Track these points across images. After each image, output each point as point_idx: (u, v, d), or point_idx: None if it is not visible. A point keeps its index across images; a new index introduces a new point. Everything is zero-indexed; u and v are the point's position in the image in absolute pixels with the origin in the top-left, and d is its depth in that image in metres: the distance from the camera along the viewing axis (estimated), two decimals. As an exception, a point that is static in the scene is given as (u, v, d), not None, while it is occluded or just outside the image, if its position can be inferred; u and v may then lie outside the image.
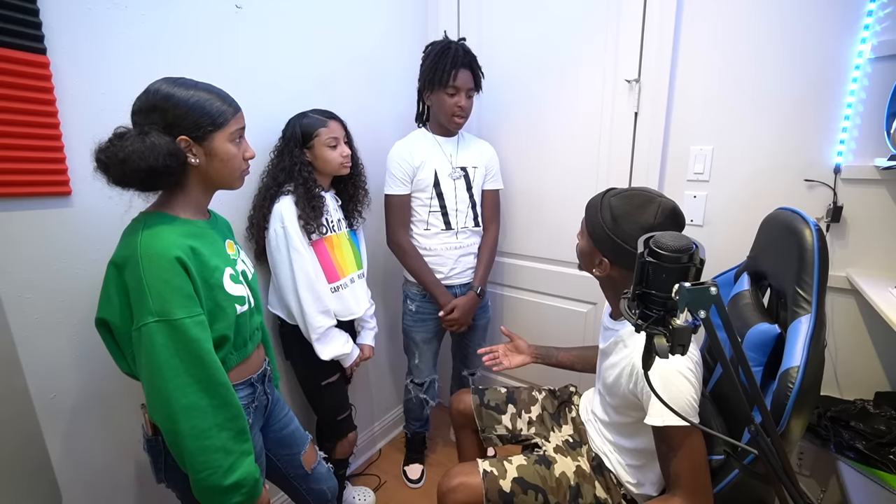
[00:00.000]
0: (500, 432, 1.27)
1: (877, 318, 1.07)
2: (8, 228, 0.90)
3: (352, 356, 1.39)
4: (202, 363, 0.78)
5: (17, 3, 0.85)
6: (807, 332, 0.78)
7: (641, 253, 0.56)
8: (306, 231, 1.25)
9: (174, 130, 0.80)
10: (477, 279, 1.62)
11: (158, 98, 0.79)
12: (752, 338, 0.89)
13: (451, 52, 1.44)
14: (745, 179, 1.36)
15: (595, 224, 0.94)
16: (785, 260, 0.90)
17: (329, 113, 1.31)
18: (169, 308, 0.75)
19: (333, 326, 1.32)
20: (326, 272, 1.32)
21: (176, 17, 1.11)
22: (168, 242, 0.78)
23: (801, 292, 0.83)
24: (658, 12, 1.38)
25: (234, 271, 0.91)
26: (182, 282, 0.77)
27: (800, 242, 0.85)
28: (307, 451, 1.17)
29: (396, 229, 1.56)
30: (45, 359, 0.98)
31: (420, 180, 1.52)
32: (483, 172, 1.61)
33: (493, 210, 1.66)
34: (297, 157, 1.26)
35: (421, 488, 1.78)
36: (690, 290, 0.49)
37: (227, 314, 0.86)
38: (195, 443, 0.78)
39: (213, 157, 0.85)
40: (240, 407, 0.84)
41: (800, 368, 0.74)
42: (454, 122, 1.51)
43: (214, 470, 0.79)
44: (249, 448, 0.85)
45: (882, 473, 1.06)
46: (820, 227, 0.85)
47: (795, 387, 0.73)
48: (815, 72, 1.21)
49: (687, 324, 0.49)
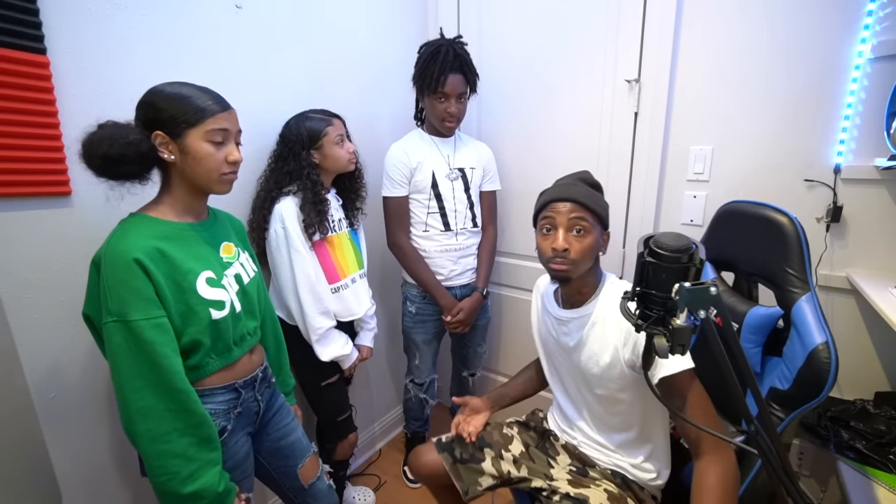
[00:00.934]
0: (487, 484, 1.09)
1: (877, 318, 1.07)
2: (8, 228, 0.90)
3: (351, 357, 1.39)
4: (157, 367, 0.77)
5: (17, 3, 0.85)
6: (815, 310, 0.85)
7: (641, 253, 0.57)
8: (308, 232, 1.24)
9: (153, 126, 0.81)
10: (480, 280, 1.62)
11: (148, 95, 0.83)
12: (752, 321, 0.94)
13: (440, 57, 1.40)
14: (745, 179, 1.35)
15: (598, 202, 0.96)
16: (765, 247, 0.98)
17: (330, 112, 1.32)
18: (125, 309, 0.76)
19: (333, 328, 1.32)
20: (327, 273, 1.32)
21: (176, 17, 1.11)
22: (131, 244, 0.78)
23: (794, 273, 0.91)
24: (658, 12, 1.38)
25: (216, 275, 0.88)
26: (140, 283, 0.77)
27: (781, 230, 0.94)
28: (305, 465, 1.13)
29: (396, 232, 1.55)
30: (45, 359, 0.98)
31: (418, 181, 1.51)
32: (481, 173, 1.61)
33: (491, 211, 1.66)
34: (304, 160, 1.24)
35: (421, 488, 1.78)
36: (690, 289, 0.49)
37: (199, 318, 0.84)
38: (151, 446, 0.77)
39: (186, 155, 0.84)
40: (204, 414, 0.82)
41: (829, 344, 0.80)
42: (445, 127, 1.51)
43: (172, 476, 0.78)
44: (215, 458, 0.83)
45: (882, 473, 1.06)
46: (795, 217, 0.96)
47: (833, 359, 0.79)
48: (815, 72, 1.21)
49: (687, 323, 0.50)
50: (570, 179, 1.01)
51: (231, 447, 0.93)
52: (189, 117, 0.82)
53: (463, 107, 1.51)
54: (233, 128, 0.88)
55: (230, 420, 0.93)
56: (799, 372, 0.83)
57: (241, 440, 0.97)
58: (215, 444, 0.84)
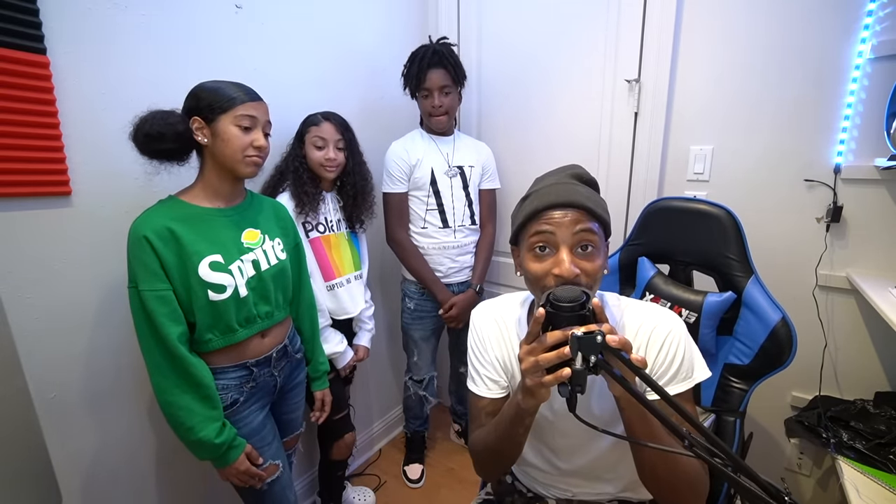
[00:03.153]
0: None
1: (877, 318, 1.07)
2: (8, 228, 0.90)
3: (346, 356, 1.40)
4: (157, 333, 0.88)
5: (17, 3, 0.85)
6: (762, 291, 0.98)
7: (543, 305, 0.61)
8: (304, 227, 1.27)
9: (192, 112, 0.93)
10: (475, 277, 1.65)
11: (194, 88, 0.95)
12: (710, 309, 1.02)
13: (419, 56, 1.48)
14: (745, 179, 1.35)
15: (603, 204, 0.75)
16: (700, 238, 1.07)
17: (328, 114, 1.31)
18: (136, 279, 0.88)
19: (328, 326, 1.33)
20: (323, 270, 1.33)
21: (176, 18, 1.11)
22: (146, 222, 0.89)
23: (734, 259, 1.02)
24: (658, 12, 1.38)
25: (226, 259, 0.96)
26: (147, 258, 0.87)
27: (719, 222, 1.04)
28: (288, 441, 1.22)
29: (395, 227, 1.58)
30: (45, 359, 0.98)
31: (417, 178, 1.54)
32: (480, 172, 1.63)
33: (490, 209, 1.68)
34: (294, 150, 1.31)
35: (421, 488, 1.78)
36: (581, 338, 0.54)
37: (198, 297, 0.93)
38: (162, 396, 0.91)
39: (217, 138, 0.93)
40: (201, 377, 0.92)
41: (786, 318, 0.94)
42: (434, 122, 1.54)
43: (179, 425, 0.91)
44: (216, 415, 0.94)
45: (882, 473, 1.06)
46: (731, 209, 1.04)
47: (793, 331, 0.93)
48: (815, 72, 1.21)
49: (582, 367, 0.55)
50: (562, 177, 0.77)
51: (244, 416, 1.03)
52: (222, 104, 0.93)
53: (449, 100, 1.52)
54: (261, 117, 0.98)
55: (242, 393, 1.02)
56: (762, 346, 0.96)
57: (254, 411, 1.05)
58: (215, 403, 0.94)
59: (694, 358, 0.79)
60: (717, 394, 1.03)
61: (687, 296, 1.07)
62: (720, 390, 1.03)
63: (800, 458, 1.36)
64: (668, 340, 0.76)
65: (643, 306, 0.83)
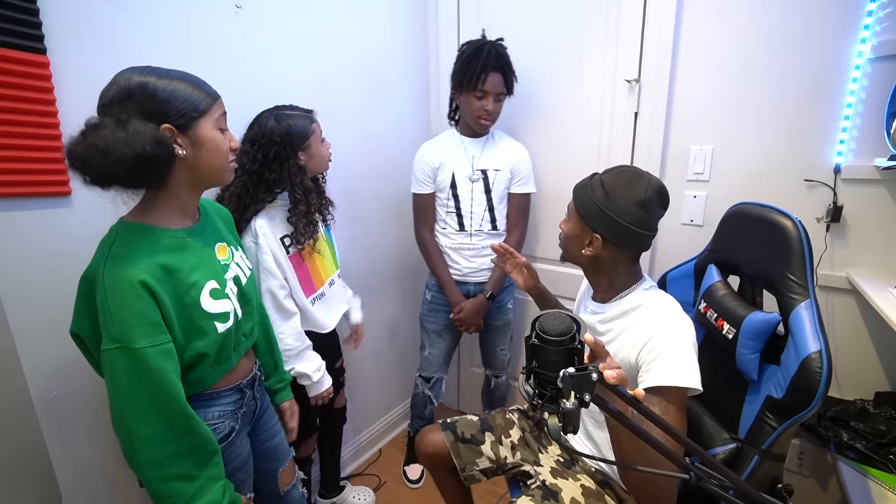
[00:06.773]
0: (483, 465, 1.15)
1: (877, 318, 1.07)
2: (8, 228, 0.90)
3: (321, 386, 1.25)
4: (164, 393, 0.73)
5: (17, 3, 0.85)
6: (812, 317, 0.83)
7: (528, 336, 0.59)
8: (282, 242, 1.16)
9: (155, 119, 0.72)
10: (490, 283, 1.60)
11: (132, 86, 0.71)
12: (749, 327, 0.92)
13: (482, 55, 1.42)
14: (746, 179, 1.35)
15: (587, 202, 0.94)
16: (766, 251, 0.96)
17: (303, 108, 1.23)
18: (131, 336, 0.70)
19: (307, 349, 1.23)
20: (305, 286, 1.24)
21: (175, 18, 1.11)
22: (135, 264, 0.71)
23: (794, 279, 0.89)
24: (658, 12, 1.38)
25: (220, 283, 0.85)
26: (146, 308, 0.71)
27: (784, 234, 0.92)
28: (286, 469, 1.10)
29: (419, 226, 1.64)
30: (45, 358, 0.98)
31: (440, 181, 1.57)
32: (507, 175, 1.56)
33: (518, 214, 1.61)
34: (293, 166, 1.13)
35: (421, 488, 1.78)
36: (574, 376, 0.52)
37: (205, 333, 0.80)
38: (155, 471, 0.73)
39: (200, 147, 0.77)
40: (207, 433, 0.79)
41: (822, 353, 0.78)
42: (479, 125, 1.52)
43: (177, 498, 0.74)
44: (218, 473, 0.81)
45: (882, 473, 1.06)
46: (800, 220, 0.92)
47: (825, 369, 0.77)
48: (815, 72, 1.21)
49: (573, 406, 0.52)
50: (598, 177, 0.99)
51: (237, 447, 0.92)
52: (197, 106, 0.75)
53: (499, 107, 1.51)
54: (225, 111, 0.83)
55: (237, 420, 0.92)
56: (792, 380, 0.81)
57: (244, 440, 0.96)
58: (217, 458, 0.81)
59: (676, 364, 0.83)
60: (753, 426, 0.91)
61: (733, 309, 0.97)
62: (756, 422, 0.90)
63: (800, 459, 1.36)
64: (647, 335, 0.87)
65: (652, 299, 0.93)
